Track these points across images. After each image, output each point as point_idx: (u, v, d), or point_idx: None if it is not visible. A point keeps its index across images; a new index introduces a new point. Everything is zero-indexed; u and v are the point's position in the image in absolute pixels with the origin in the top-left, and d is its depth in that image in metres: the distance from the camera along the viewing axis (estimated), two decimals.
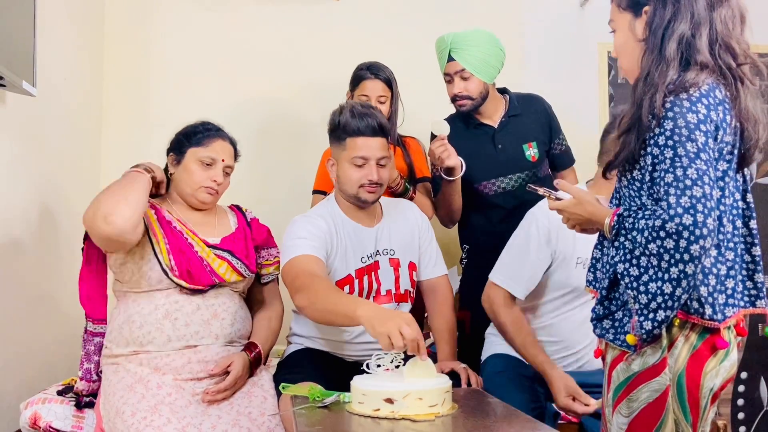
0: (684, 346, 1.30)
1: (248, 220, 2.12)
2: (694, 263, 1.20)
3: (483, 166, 2.41)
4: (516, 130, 2.43)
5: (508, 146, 2.42)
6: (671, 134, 1.23)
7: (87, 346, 1.94)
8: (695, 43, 1.28)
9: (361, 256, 2.02)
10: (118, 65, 3.07)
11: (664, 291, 1.22)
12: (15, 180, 2.20)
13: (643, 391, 1.31)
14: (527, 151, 2.43)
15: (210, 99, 3.06)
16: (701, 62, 1.28)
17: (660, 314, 1.24)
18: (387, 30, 3.17)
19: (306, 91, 3.10)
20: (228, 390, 1.83)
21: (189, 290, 1.87)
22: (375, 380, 1.58)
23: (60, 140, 2.56)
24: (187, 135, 1.99)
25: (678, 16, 1.29)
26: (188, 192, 1.97)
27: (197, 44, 3.11)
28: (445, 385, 1.57)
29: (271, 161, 3.06)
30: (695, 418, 1.31)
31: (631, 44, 1.38)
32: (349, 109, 1.97)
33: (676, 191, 1.20)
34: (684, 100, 1.25)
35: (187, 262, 1.87)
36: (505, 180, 2.41)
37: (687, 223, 1.18)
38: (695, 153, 1.22)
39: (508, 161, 2.41)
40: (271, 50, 3.13)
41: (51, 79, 2.40)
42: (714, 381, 1.32)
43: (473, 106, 2.39)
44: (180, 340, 1.85)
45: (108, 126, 3.07)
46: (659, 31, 1.31)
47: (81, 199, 2.73)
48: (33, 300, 2.29)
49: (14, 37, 1.99)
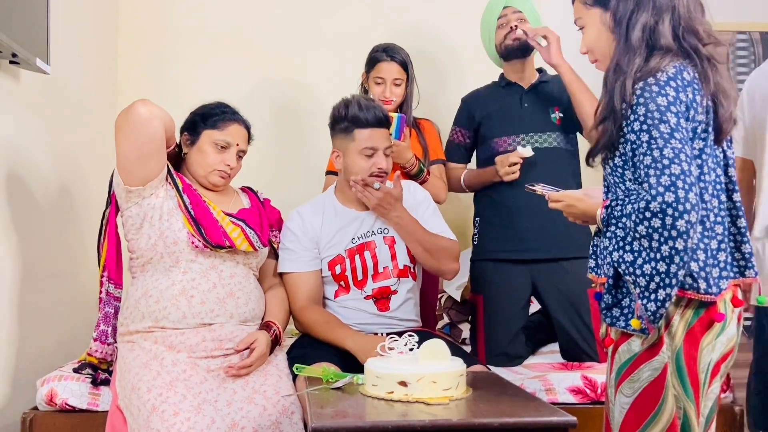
0: (680, 323, 1.33)
1: (261, 200, 2.14)
2: (682, 238, 1.24)
3: (505, 122, 2.41)
4: (545, 94, 2.43)
5: (534, 106, 2.42)
6: (645, 119, 1.29)
7: (106, 308, 1.94)
8: (658, 29, 1.35)
9: (352, 237, 2.08)
10: (132, 42, 3.06)
11: (659, 270, 1.26)
12: (30, 157, 2.20)
13: (644, 370, 1.34)
14: (553, 113, 2.40)
15: (225, 77, 3.05)
16: (665, 46, 1.35)
17: (660, 293, 1.27)
18: (406, 9, 3.12)
19: (323, 70, 3.08)
20: (252, 366, 1.84)
21: (204, 246, 1.86)
22: (389, 363, 1.58)
23: (74, 117, 2.56)
24: (204, 116, 1.99)
25: (641, 6, 1.37)
26: (201, 174, 1.99)
27: (213, 21, 3.09)
28: (459, 368, 1.57)
29: (286, 142, 3.05)
30: (696, 394, 1.33)
31: (605, 37, 1.44)
32: (356, 103, 2.06)
33: (655, 172, 1.26)
34: (653, 84, 1.32)
35: (204, 218, 1.89)
36: (525, 137, 2.38)
37: (669, 200, 1.24)
38: (669, 133, 1.27)
39: (532, 120, 2.40)
40: (287, 28, 3.11)
41: (65, 57, 2.39)
42: (711, 355, 1.34)
43: (523, 46, 2.38)
44: (195, 318, 1.86)
45: (123, 103, 3.04)
46: (624, 21, 1.38)
47: (96, 175, 2.75)
48: (50, 276, 2.31)
49: (28, 15, 1.98)
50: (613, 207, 1.37)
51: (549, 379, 2.12)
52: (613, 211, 1.36)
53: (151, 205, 1.88)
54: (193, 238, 1.86)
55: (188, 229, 1.87)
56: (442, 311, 2.84)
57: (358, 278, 2.07)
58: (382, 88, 2.43)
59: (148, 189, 1.87)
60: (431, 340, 1.60)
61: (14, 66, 1.99)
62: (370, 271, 2.07)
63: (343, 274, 2.07)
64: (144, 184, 1.87)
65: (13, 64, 1.96)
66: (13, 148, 2.09)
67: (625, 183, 1.37)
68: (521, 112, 2.41)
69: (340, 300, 2.09)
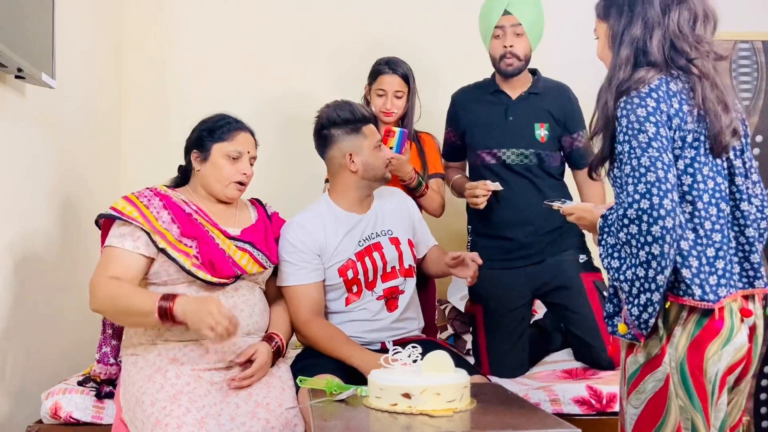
0: (683, 335, 1.34)
1: (269, 214, 2.13)
2: (658, 243, 1.27)
3: (489, 134, 2.38)
4: (532, 107, 2.37)
5: (519, 120, 2.36)
6: (626, 130, 1.35)
7: (106, 330, 1.96)
8: (646, 45, 1.40)
9: (358, 240, 2.08)
10: (137, 56, 3.08)
11: (638, 275, 1.30)
12: (35, 171, 2.22)
13: (649, 381, 1.37)
14: (537, 130, 2.36)
15: (229, 89, 3.06)
16: (652, 61, 1.40)
17: (642, 298, 1.30)
18: (410, 22, 3.14)
19: (325, 82, 3.09)
20: (253, 377, 1.84)
21: (213, 285, 1.87)
22: (392, 375, 1.57)
23: (80, 131, 2.58)
24: (210, 131, 1.98)
25: (632, 23, 1.42)
26: (218, 188, 1.98)
27: (216, 34, 3.11)
28: (463, 380, 1.56)
29: (290, 152, 3.06)
30: (705, 405, 1.33)
31: (607, 51, 1.51)
32: (342, 104, 2.15)
33: (633, 180, 1.31)
34: (634, 97, 1.37)
35: (210, 252, 1.88)
36: (507, 152, 2.35)
37: (645, 207, 1.28)
38: (647, 143, 1.32)
39: (515, 134, 2.35)
40: (290, 40, 3.13)
41: (70, 71, 2.41)
42: (717, 366, 1.34)
43: (518, 70, 2.34)
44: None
45: (127, 116, 3.08)
46: (617, 37, 1.44)
47: (101, 189, 2.76)
48: (54, 290, 2.32)
49: (33, 30, 2.00)
50: (607, 216, 1.42)
51: (554, 389, 2.11)
52: (607, 220, 1.41)
53: (154, 270, 1.88)
54: (206, 278, 1.85)
55: (198, 276, 1.85)
56: (446, 322, 2.84)
57: (369, 279, 2.08)
58: (384, 100, 2.45)
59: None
60: (435, 352, 1.60)
61: (20, 80, 2.00)
62: (379, 271, 2.08)
63: (356, 278, 2.06)
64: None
65: (18, 79, 1.98)
66: (19, 161, 2.10)
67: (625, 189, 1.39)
68: (505, 125, 2.37)
69: (352, 308, 2.08)
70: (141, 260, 1.85)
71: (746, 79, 3.36)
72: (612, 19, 1.46)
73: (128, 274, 1.83)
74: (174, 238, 1.87)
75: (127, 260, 1.84)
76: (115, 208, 1.88)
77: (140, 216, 1.86)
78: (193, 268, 1.85)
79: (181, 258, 1.84)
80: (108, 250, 1.87)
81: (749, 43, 3.34)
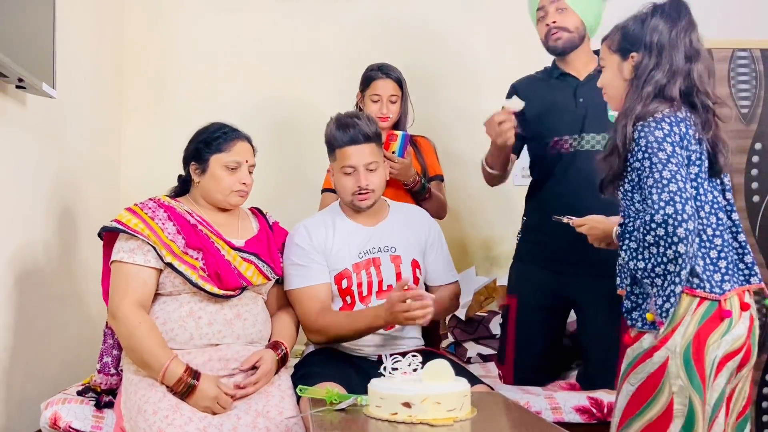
0: (691, 323, 1.53)
1: (270, 224, 2.13)
2: (684, 243, 1.46)
3: (559, 120, 2.20)
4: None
5: (590, 101, 2.16)
6: (645, 148, 1.54)
7: (108, 339, 1.95)
8: (668, 87, 1.59)
9: (358, 252, 2.07)
10: (137, 66, 3.09)
11: (668, 270, 1.49)
12: (36, 181, 2.22)
13: (648, 363, 1.55)
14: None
15: (228, 98, 3.08)
16: (670, 97, 1.59)
17: (668, 290, 1.50)
18: (402, 29, 3.16)
19: (322, 90, 3.11)
20: (258, 384, 1.84)
21: (219, 297, 1.87)
22: (392, 383, 1.57)
23: (80, 141, 2.59)
24: (206, 142, 1.98)
25: (659, 65, 1.60)
26: (219, 198, 1.98)
27: (215, 44, 3.12)
28: (464, 389, 1.56)
29: (288, 161, 3.07)
30: (703, 384, 1.52)
31: (617, 82, 1.68)
32: (335, 121, 2.07)
33: (657, 190, 1.49)
34: (651, 122, 1.57)
35: (216, 264, 1.88)
36: (578, 138, 2.18)
37: (670, 212, 1.47)
38: (666, 158, 1.51)
39: (588, 118, 2.17)
40: (287, 50, 3.14)
41: (71, 81, 2.42)
42: (716, 352, 1.53)
43: (570, 43, 2.19)
44: (202, 339, 1.87)
45: (128, 126, 3.09)
46: (643, 76, 1.61)
47: (101, 198, 2.77)
48: (53, 299, 2.32)
49: (34, 40, 2.01)
50: (626, 224, 1.59)
51: (555, 398, 2.11)
52: (627, 227, 1.58)
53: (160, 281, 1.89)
54: (213, 291, 1.86)
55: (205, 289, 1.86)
56: (447, 330, 2.83)
57: (363, 293, 2.07)
58: (379, 106, 2.45)
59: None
60: (435, 361, 1.59)
61: (20, 90, 2.01)
62: (374, 287, 2.07)
63: (350, 289, 2.06)
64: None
65: (19, 89, 1.98)
66: (19, 171, 2.11)
67: (635, 204, 1.59)
68: (576, 108, 2.19)
69: None
70: (153, 273, 1.87)
71: (744, 87, 3.36)
72: (639, 57, 1.62)
73: (146, 291, 1.86)
74: (180, 250, 1.87)
75: (142, 276, 1.85)
76: (120, 221, 1.88)
77: (146, 228, 1.86)
78: (200, 281, 1.85)
79: (187, 271, 1.85)
80: (120, 267, 1.87)
81: (747, 51, 3.35)
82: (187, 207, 1.99)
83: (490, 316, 2.81)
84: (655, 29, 1.61)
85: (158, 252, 1.84)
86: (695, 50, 1.61)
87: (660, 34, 1.60)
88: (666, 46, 1.59)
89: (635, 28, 1.64)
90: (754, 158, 3.38)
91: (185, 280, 1.85)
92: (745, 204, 3.35)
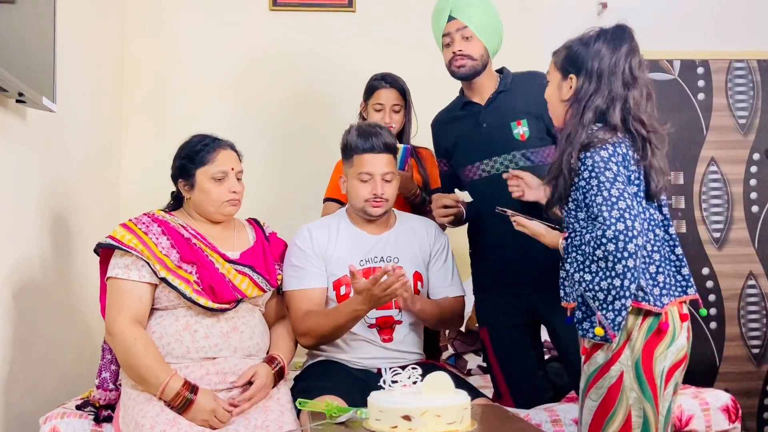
0: (638, 337, 1.60)
1: (266, 235, 2.12)
2: (633, 258, 1.54)
3: (467, 149, 2.23)
4: (504, 107, 2.19)
5: (493, 124, 2.18)
6: (592, 168, 1.60)
7: (106, 355, 1.95)
8: (608, 113, 1.64)
9: (360, 260, 2.07)
10: (137, 79, 3.11)
11: (615, 285, 1.55)
12: (36, 195, 2.22)
13: (606, 378, 1.61)
14: (515, 129, 2.16)
15: (227, 110, 3.09)
16: (612, 125, 1.64)
17: (617, 304, 1.56)
18: (402, 40, 3.18)
19: (322, 101, 3.13)
20: (252, 399, 1.83)
21: (213, 310, 1.87)
22: (392, 396, 1.56)
23: (79, 155, 2.59)
24: (189, 157, 1.97)
25: (598, 91, 1.65)
26: (211, 210, 1.98)
27: (215, 57, 3.14)
28: (464, 401, 1.55)
29: (287, 171, 3.08)
30: (654, 395, 1.59)
31: (556, 99, 1.74)
32: (356, 128, 2.09)
33: (607, 207, 1.56)
34: (596, 145, 1.62)
35: (210, 277, 1.88)
36: (489, 162, 2.18)
37: (621, 228, 1.53)
38: (613, 177, 1.59)
39: (493, 141, 2.17)
40: (286, 61, 3.16)
41: (71, 95, 2.42)
42: (664, 363, 1.60)
43: (473, 70, 2.18)
44: (198, 352, 1.86)
45: (127, 140, 3.10)
46: (583, 101, 1.66)
47: (100, 212, 2.77)
48: (52, 313, 2.31)
49: (34, 54, 2.02)
50: (573, 238, 1.64)
51: (556, 410, 2.10)
52: (573, 241, 1.63)
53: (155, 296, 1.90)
54: (207, 304, 1.86)
55: (199, 303, 1.86)
56: (447, 342, 2.83)
57: None
58: (382, 115, 2.46)
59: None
60: (435, 373, 1.59)
61: (21, 104, 2.01)
62: None
63: (348, 296, 2.04)
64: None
65: (19, 103, 1.99)
66: (19, 185, 2.11)
67: (579, 221, 1.66)
68: (481, 134, 2.19)
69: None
70: (149, 289, 1.87)
71: (742, 98, 3.38)
72: (580, 82, 1.67)
73: (141, 307, 1.86)
74: (174, 265, 1.87)
75: (137, 293, 1.85)
76: (114, 237, 1.88)
77: (140, 243, 1.86)
78: (194, 295, 1.85)
79: (182, 285, 1.85)
80: (115, 283, 1.87)
81: (744, 62, 3.37)
82: (181, 221, 1.99)
83: None
84: (597, 54, 1.65)
85: (152, 267, 1.85)
86: (633, 77, 1.65)
87: (601, 60, 1.64)
88: (606, 72, 1.64)
89: (579, 50, 1.68)
90: (752, 168, 3.40)
91: (180, 295, 1.85)
92: (744, 214, 3.36)
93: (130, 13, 3.11)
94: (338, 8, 3.18)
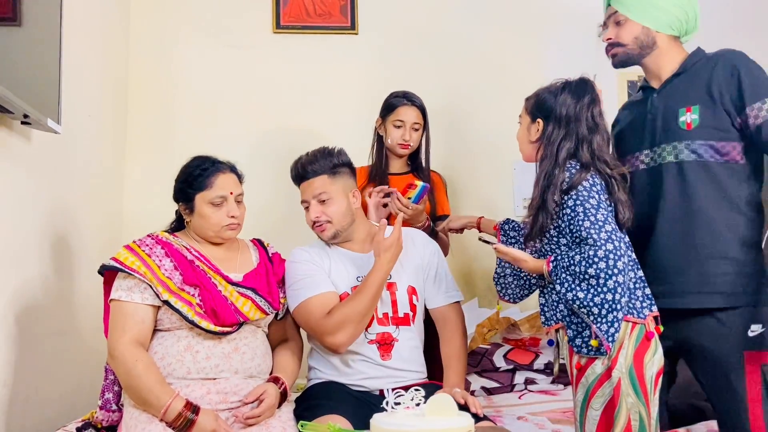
0: (629, 346, 1.74)
1: (270, 255, 2.12)
2: (622, 274, 1.70)
3: (632, 136, 2.00)
4: (677, 91, 1.91)
5: (661, 111, 1.92)
6: (576, 197, 1.77)
7: (109, 375, 1.95)
8: (578, 153, 1.83)
9: (357, 276, 2.08)
10: (141, 102, 3.13)
11: (607, 299, 1.70)
12: (39, 216, 2.23)
13: (606, 386, 1.73)
14: (682, 116, 1.86)
15: (232, 134, 3.10)
16: (584, 163, 1.82)
17: (610, 317, 1.70)
18: (404, 62, 3.20)
19: (327, 123, 3.14)
20: (260, 417, 1.83)
21: (215, 333, 1.87)
22: (395, 419, 1.55)
23: (84, 176, 2.60)
24: (188, 182, 1.98)
25: (567, 136, 1.84)
26: (211, 234, 1.99)
27: (219, 80, 3.16)
28: (467, 424, 1.54)
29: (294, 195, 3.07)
30: (646, 398, 1.73)
31: (525, 139, 1.93)
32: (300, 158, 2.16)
33: (595, 230, 1.72)
34: (575, 186, 1.79)
35: (212, 300, 1.88)
36: (649, 153, 1.93)
37: (610, 248, 1.70)
38: (597, 204, 1.76)
39: (656, 129, 1.92)
40: (290, 84, 3.18)
41: (76, 117, 2.44)
42: (651, 369, 1.75)
43: (627, 57, 1.97)
44: (199, 373, 1.86)
45: (131, 162, 3.11)
46: (555, 145, 1.84)
47: (104, 235, 2.77)
48: (54, 335, 2.31)
49: (40, 76, 2.04)
50: (559, 260, 1.77)
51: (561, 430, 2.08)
52: (561, 263, 1.76)
53: (158, 318, 1.90)
54: (209, 327, 1.86)
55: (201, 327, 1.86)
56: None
57: None
58: (402, 132, 2.46)
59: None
60: (438, 395, 1.58)
61: (26, 126, 2.02)
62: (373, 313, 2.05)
63: None
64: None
65: (24, 125, 2.00)
66: (23, 206, 2.12)
67: (560, 247, 1.80)
68: (645, 121, 1.96)
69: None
70: (151, 311, 1.87)
71: None
72: (549, 128, 1.85)
73: (143, 329, 1.85)
74: (176, 287, 1.87)
75: (140, 315, 1.85)
76: (118, 259, 1.88)
77: (143, 266, 1.86)
78: (196, 318, 1.85)
79: (184, 308, 1.84)
80: (118, 306, 1.87)
81: None
82: (185, 242, 1.99)
83: (493, 348, 2.79)
84: (563, 103, 1.85)
85: (155, 290, 1.85)
86: (595, 123, 1.85)
87: (567, 108, 1.84)
88: (572, 119, 1.84)
89: (547, 98, 1.87)
90: None
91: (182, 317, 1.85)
92: None
93: (135, 36, 3.14)
94: (341, 30, 3.21)
